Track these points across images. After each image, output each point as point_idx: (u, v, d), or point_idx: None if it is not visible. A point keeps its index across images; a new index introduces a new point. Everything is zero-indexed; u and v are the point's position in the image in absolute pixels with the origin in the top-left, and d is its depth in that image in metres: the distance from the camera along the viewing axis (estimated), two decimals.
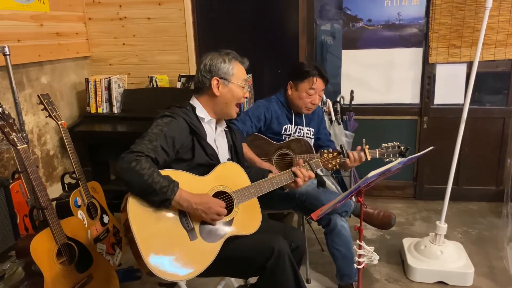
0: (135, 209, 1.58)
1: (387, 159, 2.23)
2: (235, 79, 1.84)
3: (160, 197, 1.57)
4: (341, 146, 2.09)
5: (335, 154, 2.02)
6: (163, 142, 1.66)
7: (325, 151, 2.04)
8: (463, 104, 2.48)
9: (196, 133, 1.77)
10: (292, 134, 2.50)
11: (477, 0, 3.15)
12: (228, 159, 1.95)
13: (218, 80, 1.82)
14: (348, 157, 2.20)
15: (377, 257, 1.77)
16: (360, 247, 1.77)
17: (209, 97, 1.85)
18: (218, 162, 1.83)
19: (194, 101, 1.88)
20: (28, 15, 2.89)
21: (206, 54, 1.88)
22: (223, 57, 1.84)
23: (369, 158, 2.21)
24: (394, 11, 3.38)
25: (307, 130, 2.55)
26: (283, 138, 2.49)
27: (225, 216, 1.71)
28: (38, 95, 2.31)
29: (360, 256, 1.78)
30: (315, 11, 3.52)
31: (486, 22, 2.31)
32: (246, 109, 3.13)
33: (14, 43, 2.75)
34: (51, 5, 3.09)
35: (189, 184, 1.67)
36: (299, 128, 2.53)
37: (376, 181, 1.73)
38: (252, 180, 1.86)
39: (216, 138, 1.91)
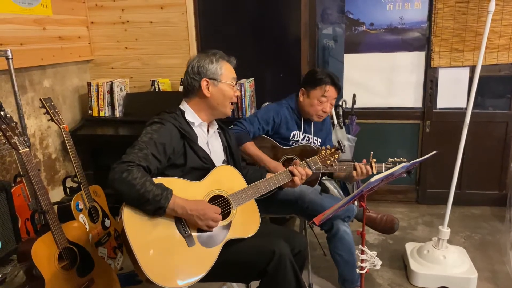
0: (130, 217, 1.57)
1: None
2: (224, 78, 1.84)
3: (153, 206, 1.56)
4: (338, 142, 2.08)
5: (332, 150, 2.02)
6: (153, 150, 1.65)
7: (323, 147, 2.03)
8: (465, 108, 2.47)
9: (187, 137, 1.76)
10: (299, 141, 2.50)
11: (480, 4, 3.15)
12: (223, 161, 1.94)
13: (207, 81, 1.82)
14: (355, 169, 2.19)
15: (380, 262, 1.76)
16: (362, 252, 1.76)
17: (200, 99, 1.85)
18: (212, 165, 1.82)
19: (184, 105, 1.87)
20: (31, 19, 2.90)
21: (193, 56, 1.88)
22: (210, 58, 1.84)
23: (375, 172, 2.20)
24: (397, 15, 3.37)
25: (315, 139, 2.55)
26: (291, 143, 2.49)
27: (222, 220, 1.69)
28: (40, 99, 2.32)
29: (362, 261, 1.76)
30: (317, 15, 3.52)
31: (489, 26, 2.31)
32: (248, 113, 3.13)
33: (17, 46, 2.76)
34: (54, 9, 3.10)
35: (184, 191, 1.66)
36: (307, 136, 2.53)
37: (379, 186, 1.72)
38: (250, 181, 1.85)
39: (209, 140, 1.90)
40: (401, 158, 2.22)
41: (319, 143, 2.56)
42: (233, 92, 1.87)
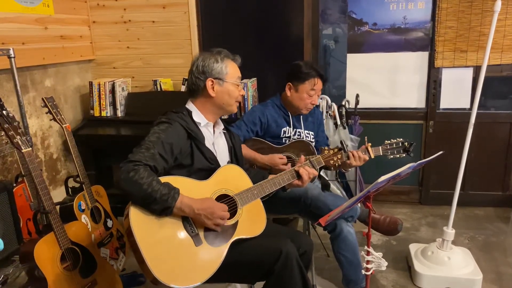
0: (137, 216, 1.56)
1: (391, 156, 2.21)
2: (229, 78, 1.82)
3: (160, 205, 1.55)
4: (341, 142, 2.06)
5: (335, 150, 2.02)
6: (161, 149, 1.64)
7: (325, 148, 2.03)
8: (469, 109, 2.47)
9: (194, 137, 1.75)
10: (291, 137, 2.49)
11: (483, 4, 3.14)
12: (228, 162, 1.93)
13: (212, 81, 1.80)
14: (352, 155, 2.15)
15: (386, 263, 1.74)
16: (368, 253, 1.74)
17: (205, 99, 1.83)
18: (218, 165, 1.81)
19: (190, 105, 1.86)
20: (33, 18, 2.88)
21: (197, 55, 1.86)
22: (215, 57, 1.82)
23: (372, 156, 2.18)
24: (400, 15, 3.36)
25: (307, 133, 2.54)
26: (283, 141, 2.48)
27: (229, 219, 1.68)
28: (42, 98, 2.30)
29: (368, 262, 1.75)
30: (319, 15, 3.50)
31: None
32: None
33: (19, 46, 2.74)
34: (56, 8, 3.09)
35: (190, 190, 1.65)
36: (298, 131, 2.52)
37: (385, 186, 1.70)
38: (253, 182, 1.84)
39: (215, 141, 1.89)
40: (398, 139, 2.20)
41: (312, 137, 2.56)
42: (238, 91, 1.86)
